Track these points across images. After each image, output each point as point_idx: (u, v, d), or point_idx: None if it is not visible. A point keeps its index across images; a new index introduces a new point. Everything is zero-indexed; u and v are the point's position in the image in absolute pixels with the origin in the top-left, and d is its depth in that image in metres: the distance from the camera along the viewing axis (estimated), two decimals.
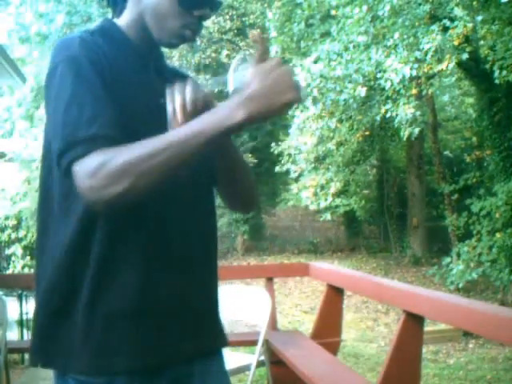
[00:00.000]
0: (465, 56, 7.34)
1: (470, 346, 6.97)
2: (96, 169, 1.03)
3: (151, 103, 1.18)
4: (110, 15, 1.32)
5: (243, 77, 1.07)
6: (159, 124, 1.10)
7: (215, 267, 1.32)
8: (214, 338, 1.30)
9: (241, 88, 1.05)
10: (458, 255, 8.59)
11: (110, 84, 1.12)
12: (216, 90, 1.28)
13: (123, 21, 1.24)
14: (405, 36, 7.50)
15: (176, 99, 1.10)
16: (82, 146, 1.05)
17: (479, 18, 7.12)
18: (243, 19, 13.86)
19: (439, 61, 7.37)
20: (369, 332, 7.71)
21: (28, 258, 10.39)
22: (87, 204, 1.08)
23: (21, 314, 5.52)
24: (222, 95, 1.13)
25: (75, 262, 1.14)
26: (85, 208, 1.12)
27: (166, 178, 1.06)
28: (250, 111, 1.00)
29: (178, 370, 1.21)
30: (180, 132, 1.04)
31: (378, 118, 9.03)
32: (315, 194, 11.55)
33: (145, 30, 1.22)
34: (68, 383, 1.17)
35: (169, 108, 1.10)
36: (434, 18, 7.66)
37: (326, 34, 9.17)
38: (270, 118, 1.04)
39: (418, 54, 7.35)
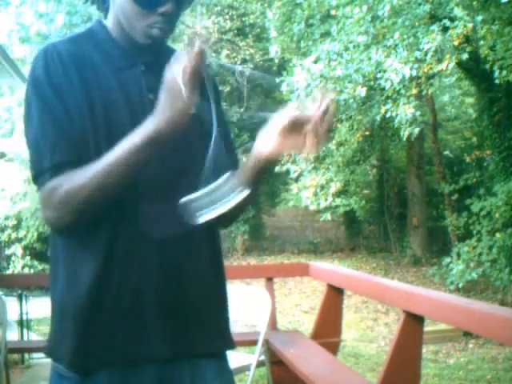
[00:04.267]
0: (465, 56, 7.34)
1: (470, 345, 6.97)
2: (46, 200, 1.14)
3: (137, 99, 1.19)
4: None
5: None
6: (144, 119, 1.11)
7: (213, 268, 1.29)
8: (206, 339, 1.26)
9: None
10: (458, 255, 8.58)
11: (77, 93, 1.15)
12: None
13: (109, 22, 1.27)
14: (405, 36, 7.50)
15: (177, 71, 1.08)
16: (47, 175, 1.14)
17: (479, 18, 7.12)
18: (243, 19, 13.87)
19: (439, 61, 7.36)
20: (369, 332, 7.71)
21: (28, 258, 10.39)
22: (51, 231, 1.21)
23: (21, 314, 5.51)
24: None
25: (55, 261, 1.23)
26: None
27: (110, 198, 1.11)
28: (157, 124, 1.06)
29: (162, 369, 1.20)
30: (104, 159, 1.09)
31: (378, 117, 9.02)
32: (315, 194, 11.54)
33: (124, 32, 1.24)
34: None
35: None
36: (433, 18, 7.66)
37: (326, 34, 9.17)
38: (175, 130, 1.07)
39: (418, 54, 7.34)
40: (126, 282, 1.17)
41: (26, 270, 10.16)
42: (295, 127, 1.16)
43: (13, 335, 5.13)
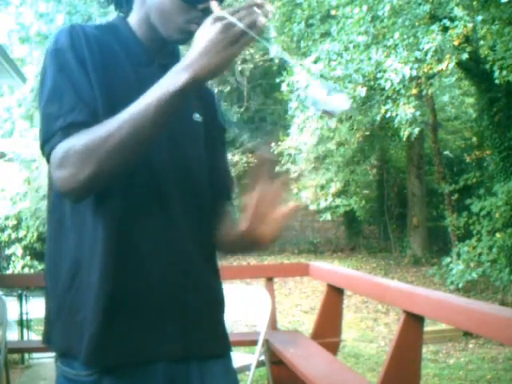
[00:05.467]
0: (465, 56, 7.33)
1: (470, 345, 6.96)
2: (62, 158, 1.06)
3: None
4: (110, 15, 1.33)
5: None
6: None
7: (213, 268, 1.31)
8: (214, 340, 1.28)
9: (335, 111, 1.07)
10: (458, 255, 8.59)
11: (96, 69, 1.14)
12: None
13: (132, 19, 1.26)
14: (405, 36, 7.50)
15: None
16: (58, 136, 1.08)
17: (479, 18, 7.12)
18: None
19: (439, 61, 7.36)
20: (369, 332, 7.71)
21: (28, 258, 10.39)
22: (61, 195, 1.11)
23: (21, 314, 5.51)
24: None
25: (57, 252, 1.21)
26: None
27: (132, 159, 1.07)
28: (195, 70, 1.01)
29: (173, 368, 1.20)
30: (130, 109, 1.04)
31: (378, 117, 9.03)
32: (315, 195, 11.54)
33: (153, 29, 1.23)
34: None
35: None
36: (434, 18, 7.66)
37: (326, 34, 9.18)
38: (215, 76, 1.04)
39: (418, 54, 7.35)
40: (139, 277, 1.16)
41: (26, 270, 10.16)
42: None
43: (13, 335, 5.13)
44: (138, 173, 1.14)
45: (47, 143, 1.10)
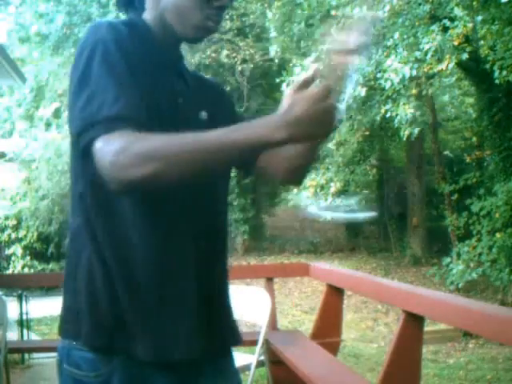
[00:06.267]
0: (465, 56, 7.33)
1: (470, 346, 6.97)
2: (123, 147, 1.02)
3: (168, 101, 1.19)
4: (110, 15, 1.32)
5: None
6: (172, 122, 1.11)
7: (225, 264, 1.33)
8: (227, 336, 1.30)
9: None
10: (458, 255, 8.59)
11: (136, 68, 1.13)
12: None
13: (147, 18, 1.25)
14: (405, 36, 7.50)
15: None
16: (105, 124, 1.05)
17: (479, 18, 7.12)
18: (243, 19, 13.85)
19: (439, 61, 7.36)
20: (369, 332, 7.71)
21: (28, 257, 10.40)
22: (106, 181, 1.05)
23: (21, 314, 5.51)
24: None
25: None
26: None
27: (188, 179, 1.06)
28: (291, 134, 1.01)
29: (189, 368, 1.21)
30: (214, 137, 1.02)
31: (378, 117, 9.02)
32: (315, 194, 11.54)
33: (167, 29, 1.23)
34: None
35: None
36: (434, 18, 7.66)
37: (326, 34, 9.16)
38: (305, 143, 1.11)
39: (418, 54, 7.34)
40: (170, 277, 1.17)
41: (26, 270, 10.17)
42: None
43: (13, 335, 5.13)
44: None
45: (89, 131, 1.06)
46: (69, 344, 1.20)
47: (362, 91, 8.23)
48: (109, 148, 1.03)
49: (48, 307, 6.52)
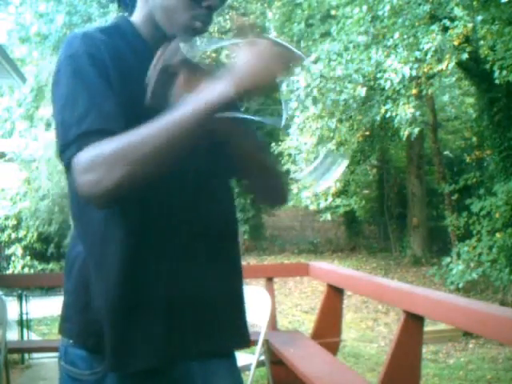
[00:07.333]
0: (465, 56, 7.34)
1: (470, 346, 6.97)
2: (89, 162, 1.04)
3: None
4: (110, 15, 1.32)
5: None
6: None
7: (236, 262, 1.34)
8: (227, 337, 1.27)
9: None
10: (458, 255, 8.59)
11: (113, 78, 1.13)
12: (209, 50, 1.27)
13: (136, 18, 1.26)
14: (405, 36, 7.51)
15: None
16: (77, 143, 1.06)
17: (479, 18, 7.12)
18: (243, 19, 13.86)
19: (439, 61, 7.37)
20: (369, 332, 7.71)
21: (28, 257, 10.40)
22: (87, 200, 1.08)
23: (21, 314, 5.51)
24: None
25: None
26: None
27: (165, 167, 1.06)
28: (237, 89, 1.01)
29: (181, 368, 1.20)
30: (168, 117, 1.04)
31: (378, 117, 9.02)
32: (315, 194, 11.54)
33: (156, 28, 1.22)
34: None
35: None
36: (433, 18, 7.66)
37: (326, 34, 9.18)
38: (257, 96, 1.07)
39: (418, 53, 7.35)
40: (158, 277, 1.16)
41: (26, 270, 10.17)
42: None
43: (13, 335, 5.13)
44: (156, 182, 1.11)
45: (65, 151, 1.08)
46: (66, 342, 1.22)
47: (362, 91, 8.23)
48: (79, 168, 1.05)
49: (48, 307, 6.53)
